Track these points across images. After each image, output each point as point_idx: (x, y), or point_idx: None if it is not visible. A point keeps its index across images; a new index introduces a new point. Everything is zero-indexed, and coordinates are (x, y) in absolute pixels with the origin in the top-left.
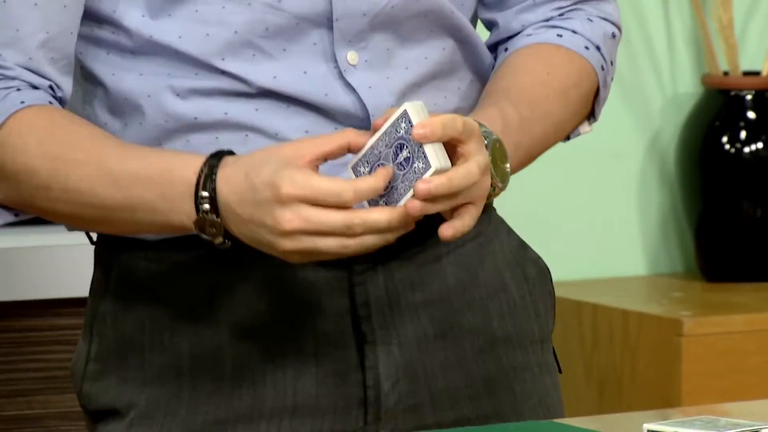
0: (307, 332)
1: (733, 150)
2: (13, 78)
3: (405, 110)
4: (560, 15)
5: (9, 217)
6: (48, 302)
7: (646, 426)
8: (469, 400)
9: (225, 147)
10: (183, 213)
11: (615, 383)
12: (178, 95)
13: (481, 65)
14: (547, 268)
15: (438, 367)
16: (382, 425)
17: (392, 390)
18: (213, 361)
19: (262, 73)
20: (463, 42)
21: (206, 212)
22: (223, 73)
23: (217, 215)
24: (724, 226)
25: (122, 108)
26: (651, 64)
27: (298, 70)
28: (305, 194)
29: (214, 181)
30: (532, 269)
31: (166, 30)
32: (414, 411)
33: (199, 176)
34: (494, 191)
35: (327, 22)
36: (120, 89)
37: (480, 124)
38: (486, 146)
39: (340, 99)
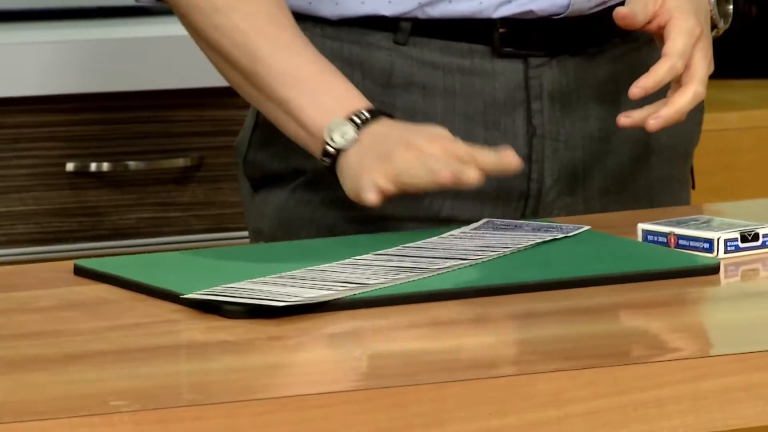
0: (479, 122)
1: None
2: None
3: None
4: None
5: (152, 1)
6: (40, 98)
7: (641, 226)
8: (615, 206)
9: None
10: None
11: None
12: None
13: None
14: None
15: (596, 169)
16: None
17: (553, 186)
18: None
19: None
20: None
21: (326, 157)
22: None
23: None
24: None
25: None
26: None
27: None
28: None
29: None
30: None
31: None
32: (567, 209)
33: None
34: (717, 33)
35: None
36: None
37: None
38: None
39: None
